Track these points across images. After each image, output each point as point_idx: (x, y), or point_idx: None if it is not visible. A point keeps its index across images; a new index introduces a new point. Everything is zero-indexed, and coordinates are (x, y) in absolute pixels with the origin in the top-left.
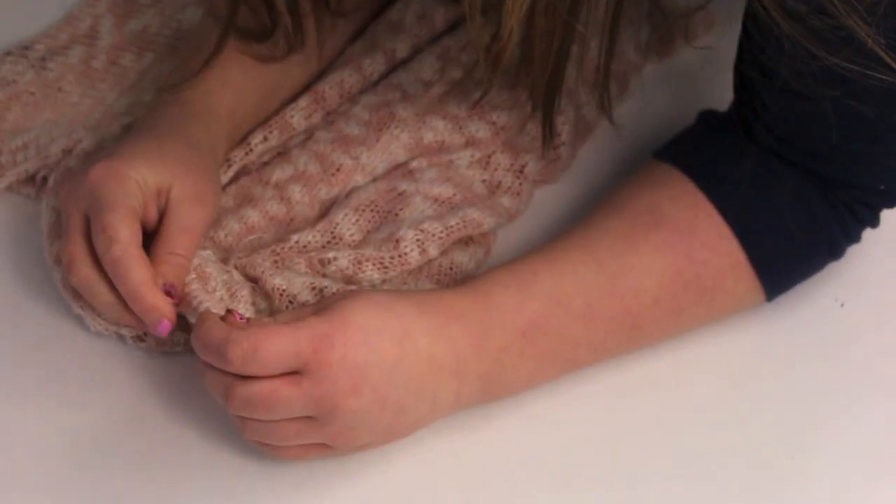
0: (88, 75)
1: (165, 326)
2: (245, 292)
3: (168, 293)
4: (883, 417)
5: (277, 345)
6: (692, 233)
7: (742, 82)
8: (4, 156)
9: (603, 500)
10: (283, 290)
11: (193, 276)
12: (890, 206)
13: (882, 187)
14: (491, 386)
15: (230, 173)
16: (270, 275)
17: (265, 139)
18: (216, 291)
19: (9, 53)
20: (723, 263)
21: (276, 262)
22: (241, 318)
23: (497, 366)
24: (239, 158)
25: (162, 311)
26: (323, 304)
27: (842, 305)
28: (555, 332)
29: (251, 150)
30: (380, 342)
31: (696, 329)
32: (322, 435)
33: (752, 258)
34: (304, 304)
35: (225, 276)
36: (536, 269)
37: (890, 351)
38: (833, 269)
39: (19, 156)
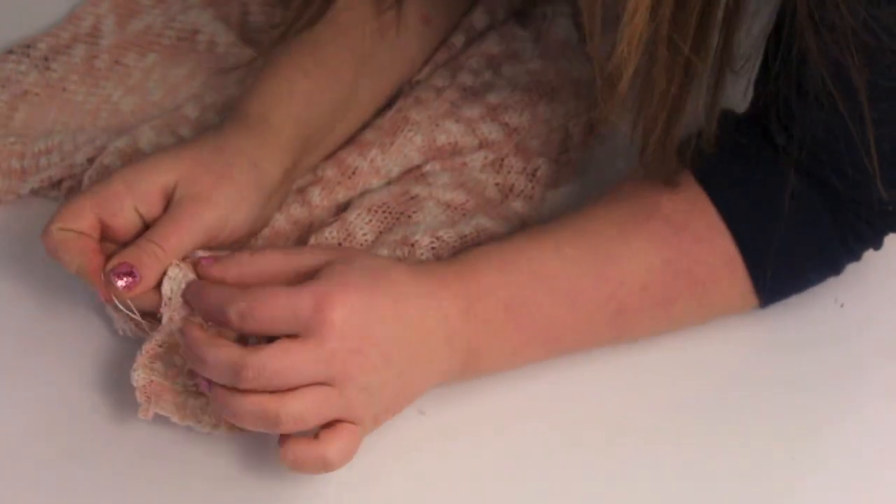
0: (92, 74)
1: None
2: None
3: (123, 272)
4: (882, 417)
5: (277, 304)
6: (686, 227)
7: (767, 90)
8: (27, 160)
9: (600, 499)
10: None
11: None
12: (894, 228)
13: (891, 208)
14: (473, 362)
15: None
16: None
17: None
18: None
19: (11, 52)
20: (716, 260)
21: None
22: (206, 262)
23: (481, 337)
24: None
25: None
26: (321, 260)
27: (842, 306)
28: (537, 309)
29: None
30: (378, 301)
31: (690, 326)
32: (341, 402)
33: (747, 259)
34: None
35: None
36: (522, 246)
37: (889, 351)
38: None
39: (42, 160)
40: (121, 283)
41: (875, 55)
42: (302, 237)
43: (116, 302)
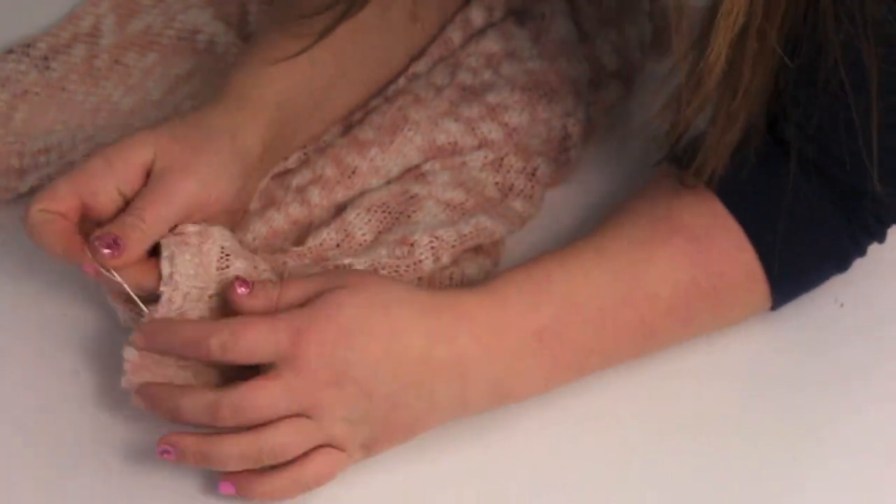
0: (92, 74)
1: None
2: (239, 263)
3: (107, 241)
4: (882, 418)
5: (256, 334)
6: (710, 243)
7: (779, 82)
8: (27, 158)
9: (602, 497)
10: None
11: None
12: None
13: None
14: (503, 390)
15: (266, 179)
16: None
17: (300, 158)
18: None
19: (10, 52)
20: (739, 275)
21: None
22: (243, 288)
23: (509, 370)
24: (276, 169)
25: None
26: (333, 283)
27: (841, 306)
28: (569, 337)
29: (285, 158)
30: (362, 341)
31: (703, 335)
32: (321, 433)
33: (768, 271)
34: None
35: (227, 243)
36: (551, 272)
37: (889, 351)
38: None
39: (41, 159)
40: (106, 251)
41: (892, 46)
42: (301, 237)
43: (103, 271)
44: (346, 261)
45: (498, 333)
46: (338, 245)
